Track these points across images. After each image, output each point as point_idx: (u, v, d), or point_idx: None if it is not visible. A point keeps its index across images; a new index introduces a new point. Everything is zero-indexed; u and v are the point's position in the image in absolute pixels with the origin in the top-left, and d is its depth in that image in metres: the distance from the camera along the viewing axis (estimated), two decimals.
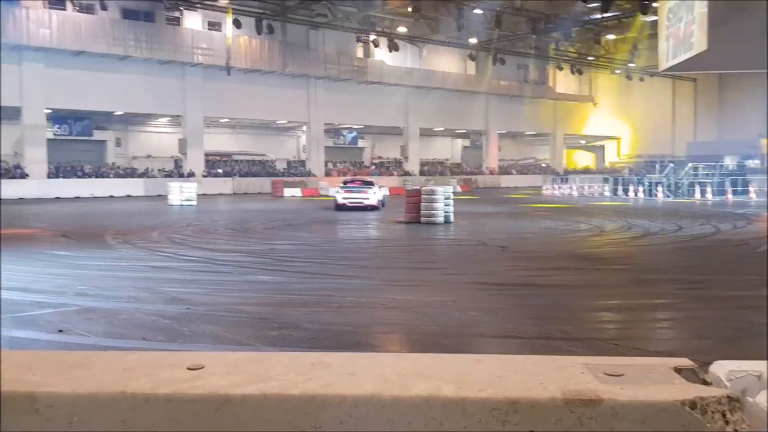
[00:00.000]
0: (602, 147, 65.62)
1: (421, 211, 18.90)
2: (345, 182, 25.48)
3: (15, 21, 31.13)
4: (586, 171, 58.79)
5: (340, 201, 23.66)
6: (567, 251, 13.75)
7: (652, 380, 1.17)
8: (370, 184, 24.60)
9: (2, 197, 30.92)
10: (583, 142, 66.15)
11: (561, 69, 52.20)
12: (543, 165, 60.61)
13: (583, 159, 66.94)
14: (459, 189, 42.42)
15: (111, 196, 34.53)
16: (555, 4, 39.49)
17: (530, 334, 6.61)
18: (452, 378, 1.17)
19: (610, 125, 61.88)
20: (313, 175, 43.06)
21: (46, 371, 1.22)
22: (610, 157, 64.51)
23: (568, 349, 5.99)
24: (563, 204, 30.82)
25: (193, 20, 37.98)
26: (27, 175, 32.95)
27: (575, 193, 39.83)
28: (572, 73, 52.97)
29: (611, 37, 48.19)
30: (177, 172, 38.77)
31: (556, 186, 42.18)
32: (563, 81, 57.99)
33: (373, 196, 24.11)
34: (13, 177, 32.91)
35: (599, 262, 12.46)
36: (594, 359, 1.27)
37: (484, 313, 7.65)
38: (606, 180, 40.97)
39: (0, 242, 13.52)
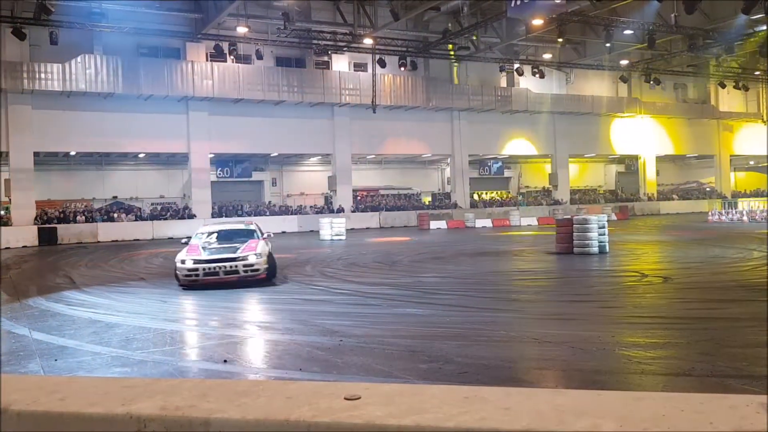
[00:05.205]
0: None
1: (574, 242, 18.27)
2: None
3: (182, 75, 34.22)
4: (757, 194, 54.06)
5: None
6: (739, 282, 12.66)
7: None
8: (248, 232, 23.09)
9: (173, 236, 33.63)
10: (752, 162, 61.08)
11: (723, 86, 48.73)
12: (707, 189, 56.60)
13: (755, 181, 61.68)
14: (614, 217, 40.64)
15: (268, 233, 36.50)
16: (714, 18, 37.13)
17: (699, 372, 6.13)
18: (613, 416, 1.12)
19: None
20: (459, 207, 43.08)
21: (219, 399, 1.31)
22: None
23: (742, 388, 5.49)
24: (732, 230, 28.50)
25: (340, 63, 39.80)
26: (194, 215, 35.74)
27: (746, 218, 36.76)
28: (737, 89, 49.27)
29: None
30: (327, 208, 40.36)
31: (723, 211, 39.15)
32: (727, 99, 54.11)
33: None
34: (182, 217, 35.80)
35: None
36: None
37: (647, 349, 7.20)
38: None
39: None
